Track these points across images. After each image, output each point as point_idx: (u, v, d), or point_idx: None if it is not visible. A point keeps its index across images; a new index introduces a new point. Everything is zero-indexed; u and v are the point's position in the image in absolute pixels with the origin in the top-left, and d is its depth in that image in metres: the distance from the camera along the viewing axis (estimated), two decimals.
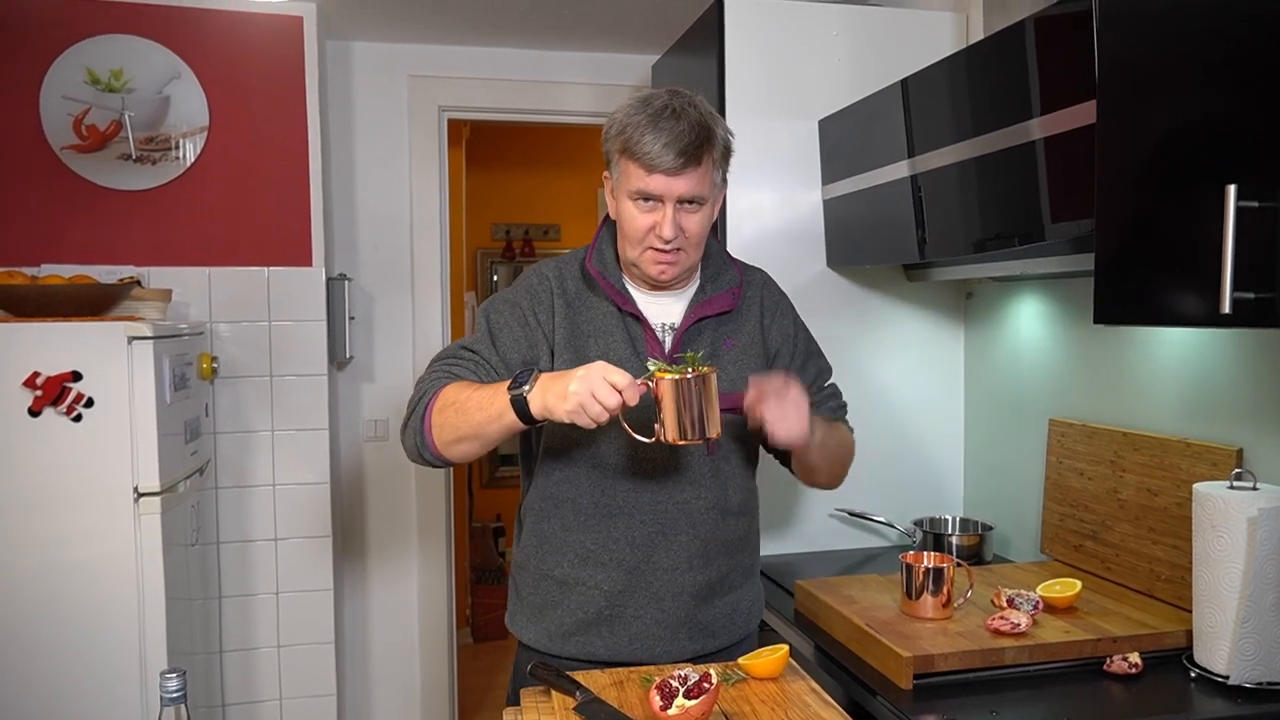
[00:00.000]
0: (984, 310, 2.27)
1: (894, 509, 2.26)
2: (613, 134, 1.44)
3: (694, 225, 1.44)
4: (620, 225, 1.48)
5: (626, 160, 1.43)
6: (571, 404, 1.26)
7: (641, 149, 1.39)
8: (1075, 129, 1.38)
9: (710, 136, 1.42)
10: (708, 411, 1.29)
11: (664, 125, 1.39)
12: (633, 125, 1.41)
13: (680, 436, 1.30)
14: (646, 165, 1.40)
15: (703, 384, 1.29)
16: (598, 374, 1.26)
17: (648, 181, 1.41)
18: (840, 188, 2.12)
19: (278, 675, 2.85)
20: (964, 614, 1.61)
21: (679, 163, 1.38)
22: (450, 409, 1.40)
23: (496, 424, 1.36)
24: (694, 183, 1.41)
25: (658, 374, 1.30)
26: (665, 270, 1.47)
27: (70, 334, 2.10)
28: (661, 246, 1.44)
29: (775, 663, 1.39)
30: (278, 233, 2.80)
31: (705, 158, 1.41)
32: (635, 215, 1.44)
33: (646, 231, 1.44)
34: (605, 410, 1.26)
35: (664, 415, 1.30)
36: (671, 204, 1.41)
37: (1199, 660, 1.43)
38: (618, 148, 1.44)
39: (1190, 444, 1.63)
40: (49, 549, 2.09)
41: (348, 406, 3.16)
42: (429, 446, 1.44)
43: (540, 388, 1.31)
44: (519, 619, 1.60)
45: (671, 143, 1.38)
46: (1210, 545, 1.39)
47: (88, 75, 2.60)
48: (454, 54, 3.19)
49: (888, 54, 2.16)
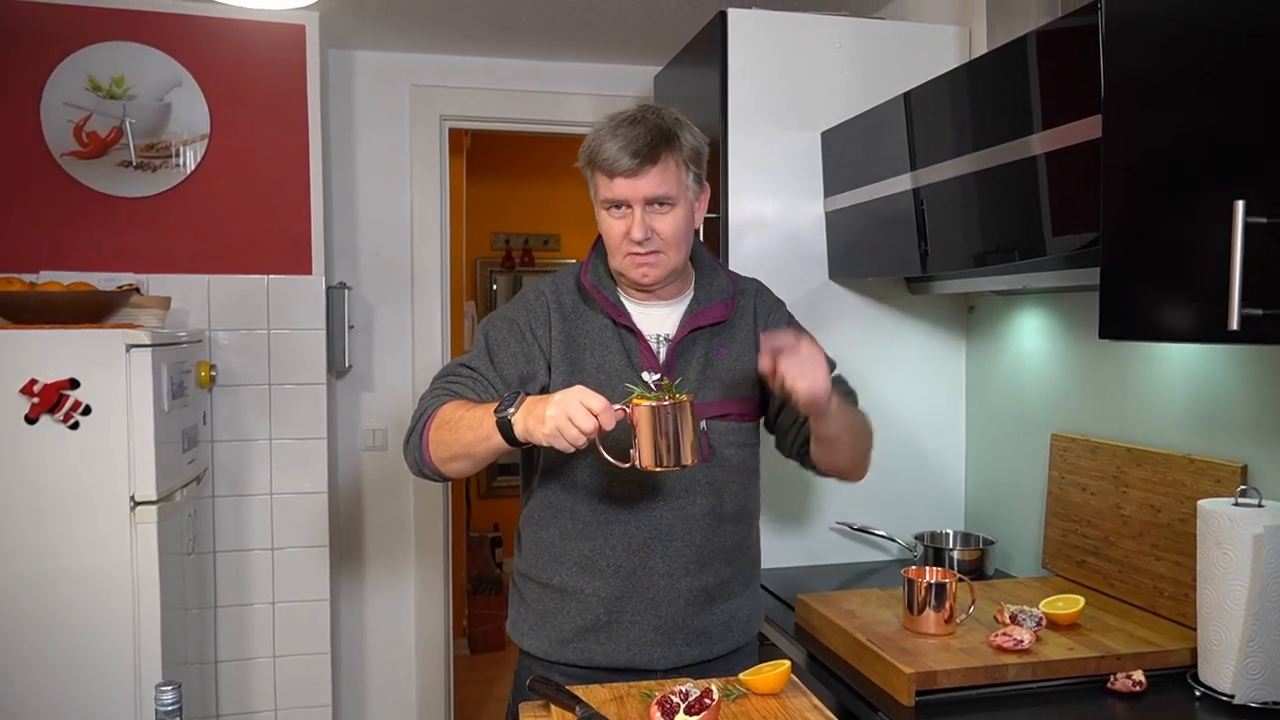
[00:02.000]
0: (986, 324, 2.26)
1: (895, 523, 2.25)
2: (583, 151, 1.50)
3: (666, 226, 1.47)
4: (603, 237, 1.53)
5: (594, 171, 1.48)
6: (549, 428, 1.27)
7: (602, 156, 1.45)
8: (1077, 144, 1.38)
9: (669, 138, 1.45)
10: (683, 439, 1.31)
11: (621, 131, 1.44)
12: (596, 138, 1.47)
13: (655, 463, 1.31)
14: (608, 171, 1.45)
15: (679, 411, 1.30)
16: (574, 398, 1.27)
17: (612, 187, 1.46)
18: (842, 200, 2.12)
19: (273, 686, 2.83)
20: (966, 630, 1.60)
21: (634, 163, 1.42)
22: (445, 428, 1.42)
23: (485, 444, 1.37)
24: (655, 182, 1.44)
25: (634, 400, 1.32)
26: (646, 272, 1.49)
27: (68, 341, 2.09)
28: (636, 250, 1.47)
29: (777, 678, 1.38)
30: (278, 241, 2.79)
31: (664, 157, 1.44)
32: (610, 223, 1.49)
33: (622, 237, 1.48)
34: (581, 434, 1.26)
35: (640, 441, 1.31)
36: (639, 206, 1.45)
37: (1204, 679, 1.42)
38: (585, 162, 1.49)
39: (1194, 460, 1.63)
40: (44, 557, 2.08)
41: (346, 416, 3.15)
42: (427, 463, 1.46)
43: (523, 410, 1.33)
44: (521, 627, 1.60)
45: (627, 146, 1.43)
46: (1215, 562, 1.38)
47: (89, 82, 2.60)
48: (456, 64, 3.19)
49: (890, 67, 2.16)
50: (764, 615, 1.70)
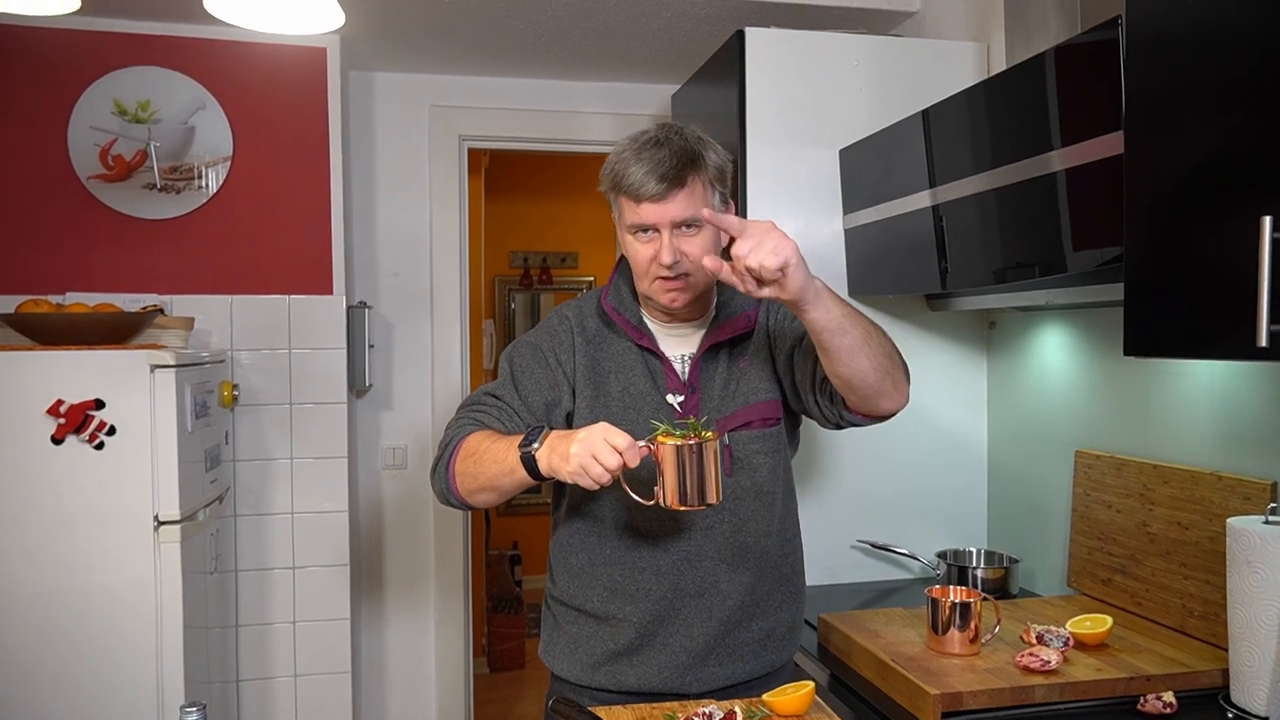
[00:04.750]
0: (1007, 340, 2.25)
1: (917, 541, 2.23)
2: (606, 174, 1.47)
3: (694, 248, 1.44)
4: (630, 261, 1.51)
5: (619, 196, 1.46)
6: (573, 465, 1.26)
7: (627, 181, 1.42)
8: (1097, 160, 1.37)
9: (695, 159, 1.43)
10: (707, 478, 1.29)
11: (645, 155, 1.41)
12: (620, 161, 1.44)
13: (680, 502, 1.30)
14: (634, 196, 1.42)
15: (704, 450, 1.28)
16: (599, 435, 1.26)
17: (639, 212, 1.43)
18: (861, 217, 2.12)
19: (294, 705, 2.83)
20: (992, 650, 1.58)
21: (662, 188, 1.40)
22: (470, 459, 1.41)
23: (510, 479, 1.36)
24: (683, 206, 1.41)
25: (660, 438, 1.30)
26: (676, 298, 1.47)
27: (94, 362, 2.12)
28: (665, 275, 1.44)
29: (801, 699, 1.37)
30: (299, 261, 2.81)
31: (691, 179, 1.42)
32: (637, 248, 1.46)
33: (650, 262, 1.45)
34: (606, 472, 1.25)
35: (665, 480, 1.30)
36: (667, 230, 1.42)
37: (1236, 700, 1.39)
38: (609, 186, 1.47)
39: (1222, 477, 1.61)
40: (69, 576, 2.09)
41: (367, 434, 3.16)
42: (454, 493, 1.45)
43: (548, 446, 1.31)
44: (553, 651, 1.59)
45: (653, 170, 1.40)
46: (1246, 581, 1.36)
47: (115, 106, 2.64)
48: (474, 84, 3.21)
49: (909, 84, 2.16)
50: (801, 636, 1.66)
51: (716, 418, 1.50)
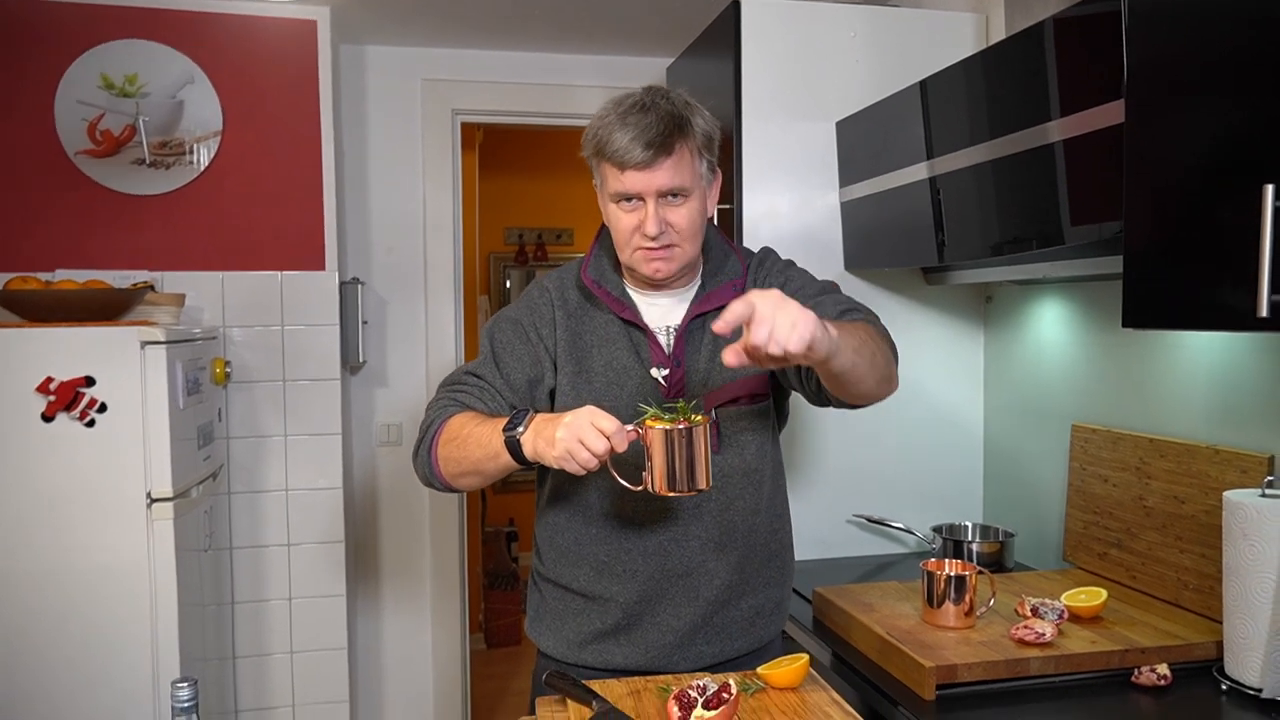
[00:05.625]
0: (1004, 314, 2.24)
1: (912, 515, 2.23)
2: (588, 139, 1.41)
3: (681, 218, 1.39)
4: (611, 230, 1.46)
5: (601, 162, 1.40)
6: (559, 450, 1.22)
7: (611, 147, 1.36)
8: (1096, 131, 1.35)
9: (683, 125, 1.37)
10: (697, 463, 1.26)
11: (630, 120, 1.35)
12: (604, 126, 1.38)
13: (669, 487, 1.26)
14: (618, 163, 1.36)
15: (693, 435, 1.25)
16: (585, 419, 1.22)
17: (623, 180, 1.37)
18: (858, 190, 2.10)
19: (290, 681, 2.84)
20: (987, 623, 1.58)
21: (648, 155, 1.34)
22: (453, 443, 1.38)
23: (494, 463, 1.33)
24: (670, 174, 1.36)
25: (648, 422, 1.26)
26: (660, 268, 1.42)
27: (83, 339, 2.10)
28: (649, 245, 1.40)
29: (795, 672, 1.36)
30: (291, 237, 2.79)
31: (679, 147, 1.36)
32: (620, 216, 1.41)
33: (633, 231, 1.40)
34: (593, 457, 1.21)
35: (653, 465, 1.26)
36: (652, 199, 1.37)
37: (1230, 673, 1.39)
38: (592, 151, 1.41)
39: (1219, 450, 1.60)
40: (61, 555, 2.09)
41: (361, 411, 3.15)
42: (438, 477, 1.42)
43: (532, 431, 1.28)
44: (539, 627, 1.58)
45: (638, 136, 1.34)
46: (1242, 554, 1.36)
47: (102, 80, 2.60)
48: (468, 58, 3.18)
49: (906, 55, 2.13)
50: (789, 610, 1.66)
51: (702, 393, 1.46)
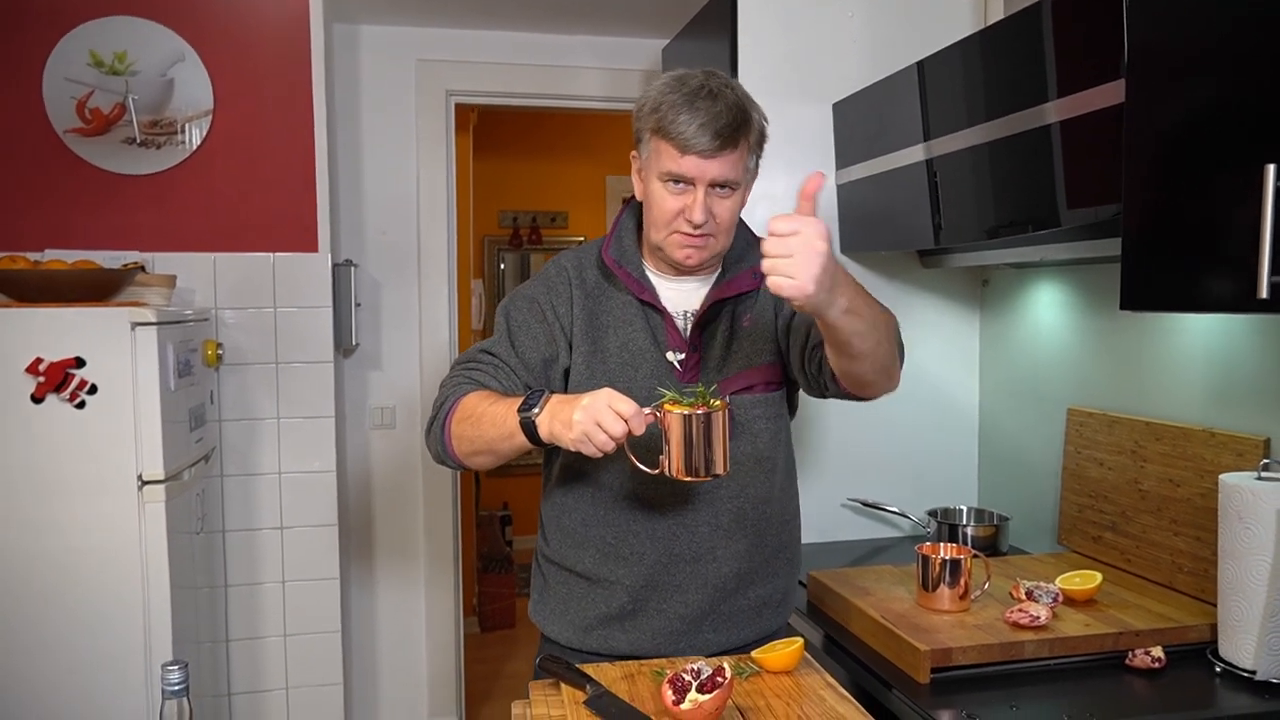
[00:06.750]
0: (1000, 297, 2.23)
1: (907, 499, 2.23)
2: (645, 112, 1.38)
3: (725, 211, 1.39)
4: (648, 207, 1.44)
5: (659, 140, 1.37)
6: (576, 433, 1.21)
7: (676, 129, 1.33)
8: (1093, 111, 1.34)
9: (747, 120, 1.37)
10: (715, 448, 1.25)
11: (700, 105, 1.33)
12: (668, 104, 1.35)
13: (686, 473, 1.25)
14: (680, 146, 1.34)
15: (712, 421, 1.24)
16: (603, 402, 1.21)
17: (680, 163, 1.35)
18: (854, 172, 2.09)
19: (284, 664, 2.83)
20: (981, 606, 1.58)
21: (714, 145, 1.33)
22: (468, 422, 1.37)
23: (508, 443, 1.32)
24: (728, 167, 1.35)
25: (666, 406, 1.25)
26: (691, 255, 1.42)
27: (73, 320, 2.08)
28: (690, 231, 1.38)
29: (790, 656, 1.36)
30: (283, 218, 2.76)
31: (741, 141, 1.36)
32: (665, 197, 1.39)
33: (675, 215, 1.38)
34: (611, 439, 1.21)
35: (670, 449, 1.25)
36: (703, 187, 1.36)
37: (1224, 655, 1.39)
38: (650, 126, 1.37)
39: (1215, 433, 1.60)
40: (52, 537, 2.07)
41: (354, 394, 3.13)
42: (450, 455, 1.41)
43: (549, 412, 1.27)
44: (543, 611, 1.57)
45: (707, 124, 1.32)
46: (1237, 537, 1.36)
47: (91, 57, 2.57)
48: (462, 38, 3.15)
49: (903, 36, 2.12)
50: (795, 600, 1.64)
51: (717, 379, 1.45)
